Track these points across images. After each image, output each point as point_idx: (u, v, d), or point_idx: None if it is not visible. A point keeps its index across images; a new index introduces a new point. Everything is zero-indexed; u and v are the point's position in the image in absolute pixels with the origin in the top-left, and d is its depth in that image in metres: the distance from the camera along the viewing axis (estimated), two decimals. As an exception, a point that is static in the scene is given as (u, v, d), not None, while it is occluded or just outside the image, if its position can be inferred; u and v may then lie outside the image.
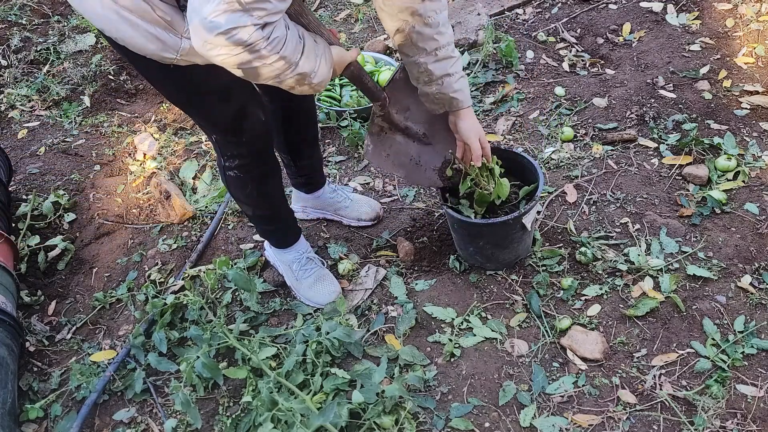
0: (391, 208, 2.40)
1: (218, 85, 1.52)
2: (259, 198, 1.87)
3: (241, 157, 1.72)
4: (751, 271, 1.98)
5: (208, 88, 1.53)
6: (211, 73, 1.43)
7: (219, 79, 1.47)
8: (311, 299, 2.07)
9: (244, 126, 1.63)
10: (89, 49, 3.58)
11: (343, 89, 2.74)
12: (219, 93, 1.56)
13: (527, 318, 1.95)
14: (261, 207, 1.93)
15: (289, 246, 2.08)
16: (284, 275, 2.13)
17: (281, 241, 2.08)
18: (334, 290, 2.06)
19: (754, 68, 2.70)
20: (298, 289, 2.09)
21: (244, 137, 1.66)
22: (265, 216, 1.98)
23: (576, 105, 2.68)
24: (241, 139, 1.67)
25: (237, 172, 1.75)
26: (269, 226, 2.03)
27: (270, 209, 1.96)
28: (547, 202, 2.30)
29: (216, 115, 1.61)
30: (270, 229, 2.05)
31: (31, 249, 2.37)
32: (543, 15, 3.26)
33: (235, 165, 1.74)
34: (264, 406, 1.62)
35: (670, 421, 1.67)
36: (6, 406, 1.73)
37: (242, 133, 1.65)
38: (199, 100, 1.58)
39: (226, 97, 1.57)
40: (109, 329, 2.12)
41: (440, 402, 1.77)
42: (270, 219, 2.00)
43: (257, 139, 1.70)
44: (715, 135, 2.41)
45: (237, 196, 1.89)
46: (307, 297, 2.07)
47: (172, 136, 2.88)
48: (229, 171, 1.76)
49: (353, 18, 3.55)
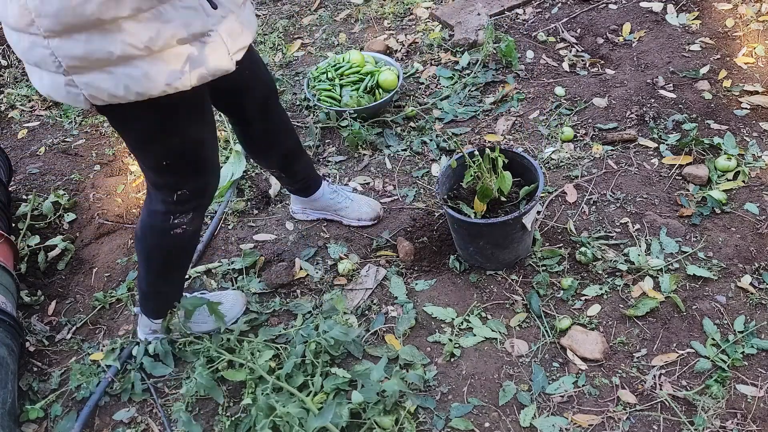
0: (391, 208, 2.40)
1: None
2: (189, 259, 1.84)
3: (197, 209, 1.66)
4: (751, 271, 1.98)
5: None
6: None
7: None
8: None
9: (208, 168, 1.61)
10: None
11: (343, 89, 2.75)
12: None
13: (527, 318, 1.95)
14: (185, 269, 1.87)
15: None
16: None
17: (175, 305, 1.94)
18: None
19: (754, 68, 2.70)
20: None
21: (208, 182, 1.63)
22: (182, 279, 1.89)
23: (576, 105, 2.68)
24: (203, 182, 1.62)
25: (186, 227, 1.66)
26: (179, 289, 1.91)
27: (185, 271, 1.90)
28: (547, 202, 2.30)
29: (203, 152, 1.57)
30: (175, 293, 1.91)
31: (31, 249, 2.37)
32: (543, 15, 3.26)
33: (187, 220, 1.65)
34: (263, 413, 1.62)
35: (670, 421, 1.67)
36: (6, 406, 1.73)
37: (207, 175, 1.62)
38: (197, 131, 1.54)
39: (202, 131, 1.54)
40: (109, 329, 2.12)
41: (440, 402, 1.77)
42: (181, 284, 1.92)
43: (213, 187, 1.67)
44: (715, 135, 2.41)
45: (176, 255, 1.77)
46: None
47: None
48: (177, 228, 1.65)
49: (353, 18, 3.55)
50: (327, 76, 2.82)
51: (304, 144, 2.71)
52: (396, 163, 2.59)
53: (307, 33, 3.51)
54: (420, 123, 2.73)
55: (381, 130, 2.72)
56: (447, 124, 2.73)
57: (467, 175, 1.98)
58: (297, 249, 2.28)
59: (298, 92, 3.02)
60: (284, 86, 3.09)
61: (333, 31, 3.46)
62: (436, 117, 2.76)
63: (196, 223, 1.70)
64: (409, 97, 2.90)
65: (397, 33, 3.34)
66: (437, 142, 2.62)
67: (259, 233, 2.37)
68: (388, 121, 2.74)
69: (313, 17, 3.62)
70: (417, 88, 2.95)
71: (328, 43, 3.38)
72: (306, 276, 2.18)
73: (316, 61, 3.24)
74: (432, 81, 2.97)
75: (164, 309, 1.91)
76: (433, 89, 2.92)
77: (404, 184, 2.50)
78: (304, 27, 3.56)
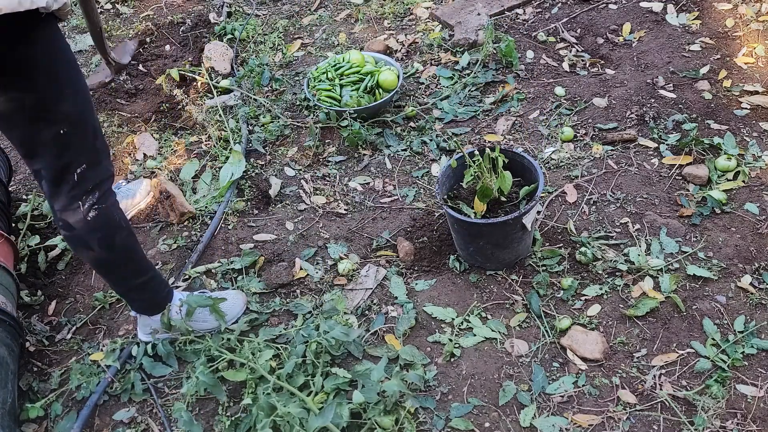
0: (391, 208, 2.40)
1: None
2: (130, 233, 1.72)
3: (102, 184, 1.61)
4: (751, 271, 1.98)
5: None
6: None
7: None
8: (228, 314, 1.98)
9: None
10: (89, 49, 3.58)
11: (343, 89, 2.75)
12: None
13: (527, 318, 1.95)
14: (135, 246, 1.76)
15: (171, 301, 1.92)
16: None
17: (167, 297, 1.90)
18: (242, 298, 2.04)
19: (754, 68, 2.70)
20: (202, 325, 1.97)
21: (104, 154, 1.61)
22: (141, 259, 1.79)
23: (576, 105, 2.68)
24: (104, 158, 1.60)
25: (100, 205, 1.60)
26: (149, 273, 1.82)
27: (139, 251, 1.79)
28: (547, 202, 2.30)
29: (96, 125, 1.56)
30: (150, 278, 1.83)
31: (31, 249, 2.37)
32: (543, 15, 3.26)
33: (97, 197, 1.59)
34: (264, 412, 1.62)
35: (670, 421, 1.67)
36: (6, 406, 1.73)
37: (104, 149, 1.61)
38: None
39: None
40: (109, 329, 2.12)
41: (440, 402, 1.77)
42: (146, 265, 1.82)
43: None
44: (715, 135, 2.41)
45: (109, 240, 1.66)
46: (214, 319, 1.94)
47: (172, 136, 2.89)
48: (93, 209, 1.59)
49: (353, 18, 3.55)
50: (327, 76, 2.82)
51: (305, 144, 2.71)
52: (396, 163, 2.59)
53: (307, 33, 3.51)
54: (420, 123, 2.73)
55: (381, 130, 2.72)
56: (447, 124, 2.73)
57: (467, 175, 1.98)
58: (297, 249, 2.29)
59: (298, 92, 3.03)
60: (284, 86, 3.09)
61: (333, 31, 3.46)
62: (436, 117, 2.76)
63: (109, 198, 1.64)
64: (409, 97, 2.90)
65: (397, 33, 3.34)
66: (437, 142, 2.62)
67: (259, 233, 2.37)
68: (388, 121, 2.74)
69: (313, 17, 3.62)
70: (417, 88, 2.95)
71: (328, 43, 3.38)
72: (306, 276, 2.19)
73: (316, 61, 3.24)
74: (432, 81, 2.97)
75: (154, 302, 1.88)
76: (433, 89, 2.93)
77: (404, 184, 2.51)
78: (304, 27, 3.56)
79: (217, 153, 2.69)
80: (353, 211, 2.42)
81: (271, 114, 2.91)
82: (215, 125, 2.84)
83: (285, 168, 2.64)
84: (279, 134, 2.79)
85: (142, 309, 1.90)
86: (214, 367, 1.85)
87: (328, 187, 2.53)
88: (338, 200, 2.47)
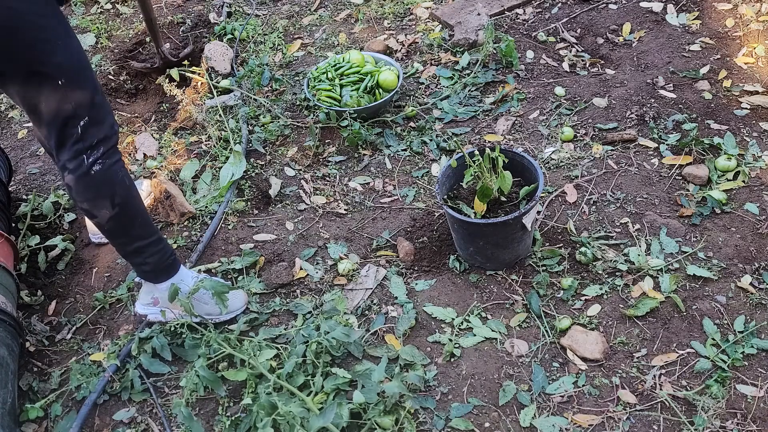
0: (391, 208, 2.40)
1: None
2: (135, 193, 1.72)
3: (106, 141, 1.61)
4: (751, 271, 1.98)
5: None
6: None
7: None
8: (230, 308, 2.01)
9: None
10: (89, 49, 3.57)
11: (343, 89, 2.75)
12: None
13: (527, 318, 1.95)
14: (140, 206, 1.75)
15: (177, 270, 1.92)
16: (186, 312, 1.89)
17: (173, 265, 1.90)
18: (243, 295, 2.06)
19: (754, 68, 2.70)
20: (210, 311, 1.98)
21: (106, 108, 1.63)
22: (146, 221, 1.78)
23: (576, 105, 2.68)
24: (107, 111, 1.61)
25: (104, 160, 1.61)
26: (154, 236, 1.81)
27: (144, 213, 1.78)
28: (547, 202, 2.30)
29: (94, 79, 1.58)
30: (155, 241, 1.82)
31: (31, 249, 2.37)
32: (543, 15, 3.26)
33: (101, 153, 1.60)
34: (264, 411, 1.62)
35: (670, 421, 1.67)
36: (6, 406, 1.73)
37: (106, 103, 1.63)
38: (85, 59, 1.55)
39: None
40: (109, 329, 2.12)
41: (440, 402, 1.77)
42: (151, 227, 1.80)
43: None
44: (715, 135, 2.41)
45: (113, 197, 1.66)
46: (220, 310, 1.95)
47: (172, 136, 2.88)
48: (97, 163, 1.60)
49: (353, 18, 3.55)
50: (327, 76, 2.82)
51: (304, 144, 2.71)
52: (396, 163, 2.59)
53: (307, 33, 3.51)
54: (420, 123, 2.73)
55: (381, 130, 2.72)
56: (447, 124, 2.73)
57: (467, 175, 1.98)
58: (297, 249, 2.29)
59: (298, 92, 3.02)
60: (284, 86, 3.09)
61: (333, 31, 3.46)
62: (436, 117, 2.76)
63: (114, 156, 1.65)
64: (409, 97, 2.90)
65: (397, 33, 3.34)
66: (437, 142, 2.62)
67: (259, 233, 2.37)
68: (388, 121, 2.74)
69: (313, 17, 3.62)
70: (417, 88, 2.95)
71: (328, 43, 3.38)
72: (306, 276, 2.19)
73: (316, 61, 3.24)
74: (432, 81, 2.97)
75: (160, 267, 1.86)
76: (433, 89, 2.93)
77: (404, 184, 2.51)
78: (304, 27, 3.56)
79: (217, 153, 2.69)
80: (353, 211, 2.42)
81: (271, 114, 2.91)
82: (215, 125, 2.84)
83: (285, 168, 2.64)
84: (279, 134, 2.80)
85: (146, 274, 1.88)
86: (215, 367, 1.85)
87: (328, 187, 2.53)
88: (338, 200, 2.47)
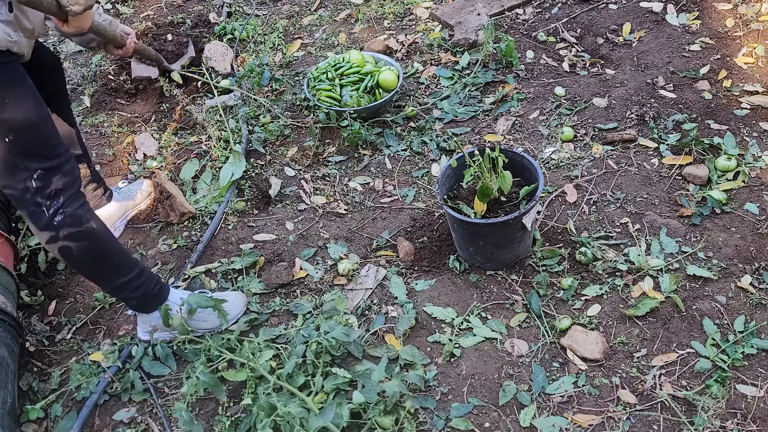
0: (391, 208, 2.40)
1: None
2: (105, 234, 1.71)
3: (67, 189, 1.60)
4: (751, 271, 1.98)
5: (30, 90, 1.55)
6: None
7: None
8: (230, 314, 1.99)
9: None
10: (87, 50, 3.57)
11: (343, 89, 2.75)
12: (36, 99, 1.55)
13: (527, 318, 1.95)
14: (112, 245, 1.74)
15: (166, 297, 1.90)
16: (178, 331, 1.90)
17: (160, 293, 1.89)
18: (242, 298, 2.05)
19: (754, 68, 2.70)
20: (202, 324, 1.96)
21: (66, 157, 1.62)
22: (122, 258, 1.77)
23: (576, 105, 2.68)
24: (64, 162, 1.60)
25: (66, 209, 1.59)
26: (134, 270, 1.80)
27: (117, 251, 1.77)
28: (547, 202, 2.30)
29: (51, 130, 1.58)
30: (137, 275, 1.81)
31: (31, 249, 2.37)
32: (543, 15, 3.26)
33: (62, 202, 1.59)
34: (264, 412, 1.62)
35: (670, 421, 1.67)
36: (6, 406, 1.73)
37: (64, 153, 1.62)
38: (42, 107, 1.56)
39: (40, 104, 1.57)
40: (109, 329, 2.12)
41: (440, 402, 1.77)
42: (129, 262, 1.79)
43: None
44: (715, 135, 2.41)
45: (82, 243, 1.65)
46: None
47: (172, 136, 2.88)
48: (59, 214, 1.59)
49: (353, 18, 3.55)
50: (327, 76, 2.82)
51: (305, 144, 2.71)
52: (396, 163, 2.59)
53: (307, 33, 3.51)
54: (420, 123, 2.73)
55: (381, 130, 2.72)
56: (447, 124, 2.73)
57: (467, 175, 1.98)
58: (297, 249, 2.29)
59: (298, 92, 3.02)
60: (284, 86, 3.09)
61: (333, 31, 3.46)
62: (436, 117, 2.76)
63: (77, 201, 1.64)
64: (409, 97, 2.90)
65: (397, 33, 3.34)
66: (437, 142, 2.62)
67: (259, 233, 2.37)
68: (388, 121, 2.74)
69: (313, 17, 3.62)
70: (417, 88, 2.95)
71: (328, 43, 3.38)
72: (306, 276, 2.19)
73: (316, 61, 3.24)
74: (432, 81, 2.97)
75: (146, 299, 1.87)
76: (433, 89, 2.93)
77: (404, 184, 2.51)
78: (304, 27, 3.56)
79: (217, 153, 2.69)
80: (353, 211, 2.42)
81: (271, 114, 2.90)
82: (215, 125, 2.84)
83: (285, 168, 2.64)
84: (279, 134, 2.79)
85: (136, 307, 1.91)
86: (214, 367, 1.85)
87: (328, 187, 2.53)
88: (338, 200, 2.47)
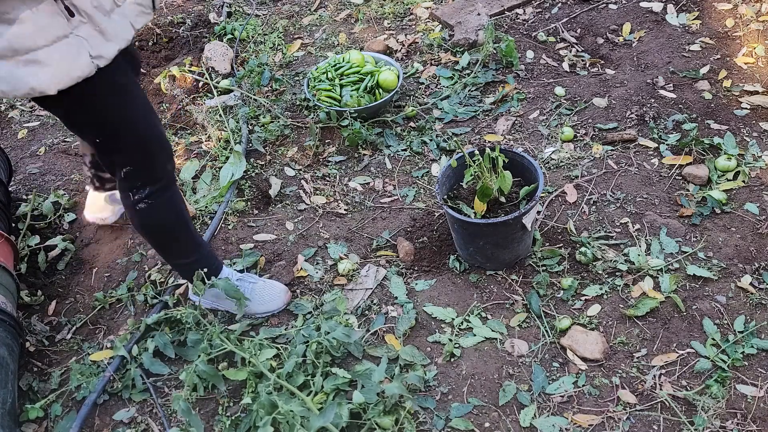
0: (391, 208, 2.40)
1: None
2: (177, 227, 1.85)
3: (154, 183, 1.72)
4: (751, 271, 1.98)
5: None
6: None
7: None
8: (266, 307, 2.05)
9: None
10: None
11: (343, 89, 2.74)
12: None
13: (527, 318, 1.95)
14: (184, 232, 1.88)
15: (219, 272, 2.02)
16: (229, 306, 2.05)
17: (215, 270, 2.00)
18: (283, 289, 2.08)
19: (754, 68, 2.70)
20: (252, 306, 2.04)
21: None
22: (188, 242, 1.91)
23: (576, 105, 2.68)
24: (147, 158, 1.70)
25: (149, 200, 1.73)
26: (192, 257, 1.93)
27: (185, 239, 1.91)
28: (547, 202, 2.30)
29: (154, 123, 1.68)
30: (193, 261, 1.93)
31: (31, 249, 2.37)
32: (543, 15, 3.26)
33: (145, 194, 1.72)
34: (264, 410, 1.62)
35: (670, 421, 1.67)
36: (6, 406, 1.73)
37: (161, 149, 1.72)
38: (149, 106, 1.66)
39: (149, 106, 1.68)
40: (109, 329, 2.12)
41: (440, 402, 1.77)
42: (192, 244, 1.93)
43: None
44: (715, 135, 2.41)
45: (154, 230, 1.83)
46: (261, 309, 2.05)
47: (172, 136, 2.88)
48: (142, 202, 1.73)
49: (353, 18, 3.55)
50: (327, 76, 2.82)
51: (305, 144, 2.71)
52: (396, 163, 2.59)
53: (307, 33, 3.51)
54: (420, 123, 2.73)
55: (381, 130, 2.72)
56: (447, 124, 2.73)
57: (467, 175, 1.98)
58: (297, 249, 2.29)
59: (298, 92, 3.02)
60: (284, 86, 3.09)
61: (333, 31, 3.46)
62: (436, 117, 2.76)
63: (161, 196, 1.75)
64: (409, 97, 2.90)
65: (397, 33, 3.34)
66: (437, 142, 2.62)
67: (259, 233, 2.37)
68: (388, 121, 2.74)
69: (313, 17, 3.62)
70: (417, 88, 2.95)
71: (328, 43, 3.38)
72: (306, 276, 2.19)
73: (316, 61, 3.24)
74: (432, 81, 2.97)
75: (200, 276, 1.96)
76: (433, 89, 2.93)
77: (404, 184, 2.51)
78: (304, 27, 3.56)
79: (217, 153, 2.69)
80: (353, 211, 2.42)
81: (271, 114, 2.91)
82: (215, 125, 2.84)
83: (285, 168, 2.64)
84: (279, 134, 2.80)
85: (190, 280, 2.00)
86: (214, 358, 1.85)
87: (328, 187, 2.53)
88: (338, 200, 2.47)
